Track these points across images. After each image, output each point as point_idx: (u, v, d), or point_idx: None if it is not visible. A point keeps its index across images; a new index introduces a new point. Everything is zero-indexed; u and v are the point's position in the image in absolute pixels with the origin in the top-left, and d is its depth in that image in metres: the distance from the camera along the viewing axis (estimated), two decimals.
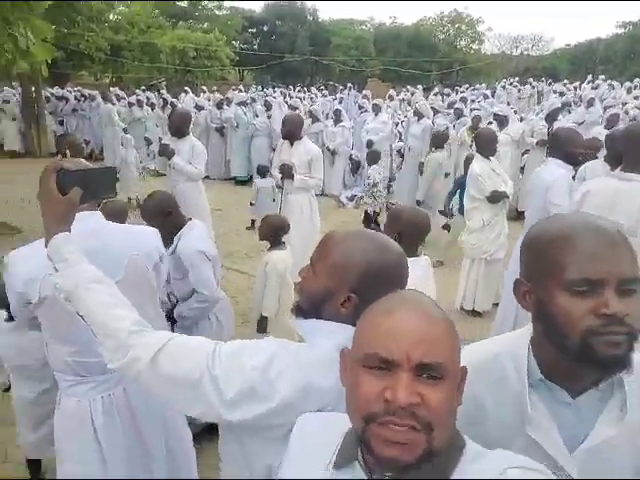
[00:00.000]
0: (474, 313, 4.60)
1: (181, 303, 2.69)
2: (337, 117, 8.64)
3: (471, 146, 6.16)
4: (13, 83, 13.99)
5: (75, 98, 12.91)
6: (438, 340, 0.75)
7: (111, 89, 14.04)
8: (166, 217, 2.53)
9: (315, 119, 8.61)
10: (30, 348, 2.03)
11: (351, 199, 8.15)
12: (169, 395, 1.09)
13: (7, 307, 1.84)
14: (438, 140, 6.30)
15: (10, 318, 1.98)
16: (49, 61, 5.79)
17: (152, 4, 16.61)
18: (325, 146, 8.37)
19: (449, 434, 0.76)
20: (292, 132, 4.40)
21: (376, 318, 0.79)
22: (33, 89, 11.67)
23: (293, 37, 35.99)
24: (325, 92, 15.79)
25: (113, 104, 10.75)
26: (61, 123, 12.55)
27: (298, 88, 17.27)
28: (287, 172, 4.35)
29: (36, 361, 2.05)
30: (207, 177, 9.04)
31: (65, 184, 1.25)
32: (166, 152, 4.35)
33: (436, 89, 17.58)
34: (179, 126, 4.51)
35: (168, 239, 2.47)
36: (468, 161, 4.93)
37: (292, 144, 4.46)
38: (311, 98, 13.46)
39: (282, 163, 4.40)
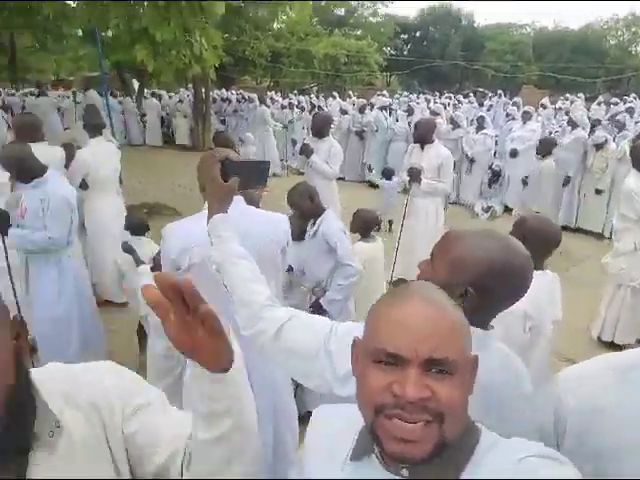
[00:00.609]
0: (613, 346, 4.15)
1: (317, 290, 2.96)
2: (480, 124, 8.33)
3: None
4: (188, 85, 15.97)
5: (237, 100, 14.25)
6: (447, 335, 0.73)
7: (268, 93, 15.25)
8: (310, 202, 2.92)
9: (456, 125, 8.41)
10: None
11: (486, 210, 7.80)
12: (289, 366, 1.21)
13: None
14: (545, 146, 5.86)
15: None
16: (217, 65, 6.55)
17: (311, 12, 17.62)
18: (464, 153, 8.14)
19: (461, 425, 0.75)
20: (423, 135, 4.42)
21: (385, 312, 0.78)
22: (203, 91, 13.16)
23: (445, 42, 35.29)
24: (472, 99, 15.24)
25: (268, 106, 11.69)
26: (223, 122, 13.96)
27: (445, 94, 16.95)
28: (415, 175, 4.37)
29: None
30: (342, 178, 9.47)
31: (228, 172, 1.43)
32: (306, 151, 4.66)
33: (600, 98, 15.87)
34: (320, 127, 4.80)
35: (306, 224, 2.98)
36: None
37: (423, 148, 4.48)
38: (454, 105, 13.09)
39: (410, 166, 4.44)
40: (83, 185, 4.27)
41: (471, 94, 17.53)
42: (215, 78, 7.58)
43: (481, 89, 20.06)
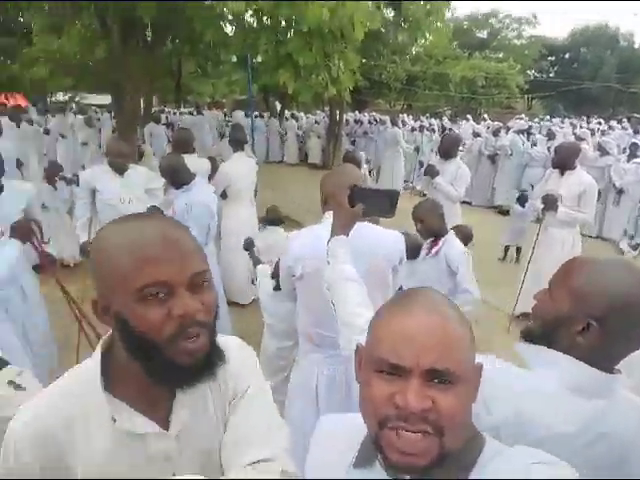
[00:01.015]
0: None
1: None
2: (633, 152, 7.51)
3: None
4: (325, 107, 16.79)
5: (368, 122, 14.64)
6: (450, 345, 0.72)
7: (400, 115, 15.39)
8: (437, 219, 2.91)
9: (604, 152, 7.67)
10: (282, 313, 2.51)
11: (634, 248, 6.95)
12: None
13: (278, 277, 2.31)
14: None
15: (277, 287, 2.46)
16: (352, 88, 6.82)
17: (450, 36, 17.48)
18: (612, 183, 7.38)
19: (464, 435, 0.75)
20: (564, 160, 4.12)
21: (387, 321, 0.78)
22: (338, 112, 13.73)
23: (598, 64, 32.37)
24: (625, 124, 13.76)
25: (399, 128, 11.81)
26: (353, 143, 14.40)
27: (595, 119, 15.55)
28: (550, 203, 4.09)
29: (281, 323, 2.52)
30: (468, 202, 9.17)
31: (355, 198, 1.48)
32: (431, 172, 4.63)
33: None
34: (448, 148, 4.74)
35: (422, 242, 2.98)
36: None
37: (562, 173, 4.17)
38: (602, 131, 11.93)
39: (546, 193, 4.16)
40: (223, 195, 4.73)
41: (625, 120, 15.82)
42: (350, 100, 7.88)
43: (637, 115, 17.98)
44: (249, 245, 3.58)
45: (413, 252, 3.20)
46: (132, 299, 0.78)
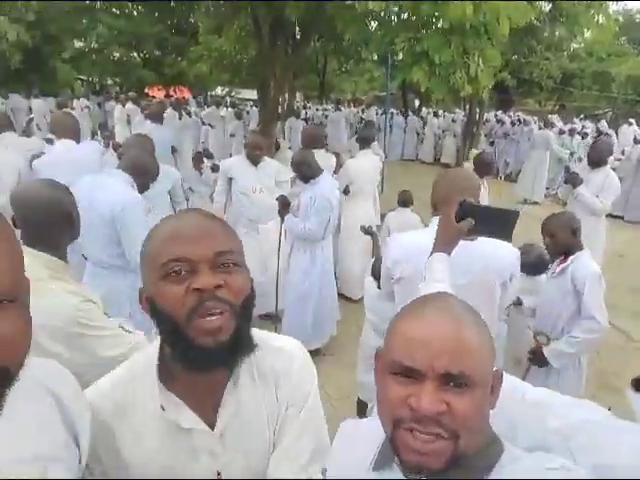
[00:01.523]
0: None
1: (541, 336, 2.64)
2: None
3: None
4: (466, 106, 16.14)
5: (511, 122, 13.73)
6: (466, 349, 0.72)
7: (549, 116, 14.17)
8: (571, 236, 2.61)
9: None
10: (384, 312, 2.50)
11: None
12: None
13: (378, 277, 2.32)
14: None
15: (379, 287, 2.48)
16: (497, 86, 6.45)
17: (617, 30, 15.51)
18: None
19: (480, 439, 0.74)
20: None
21: (403, 325, 0.77)
22: (478, 111, 13.09)
23: None
24: None
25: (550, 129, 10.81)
26: (491, 144, 13.63)
27: None
28: None
29: (382, 322, 2.51)
30: (620, 217, 8.13)
31: (462, 214, 1.38)
32: (573, 180, 4.22)
33: None
34: (598, 155, 4.29)
35: (559, 257, 2.65)
36: None
37: None
38: None
39: None
40: (346, 190, 4.83)
41: None
42: (490, 99, 7.49)
43: None
44: (368, 232, 3.67)
45: (536, 268, 2.96)
46: (158, 277, 0.82)
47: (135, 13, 14.86)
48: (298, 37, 7.88)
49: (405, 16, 5.58)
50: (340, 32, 6.52)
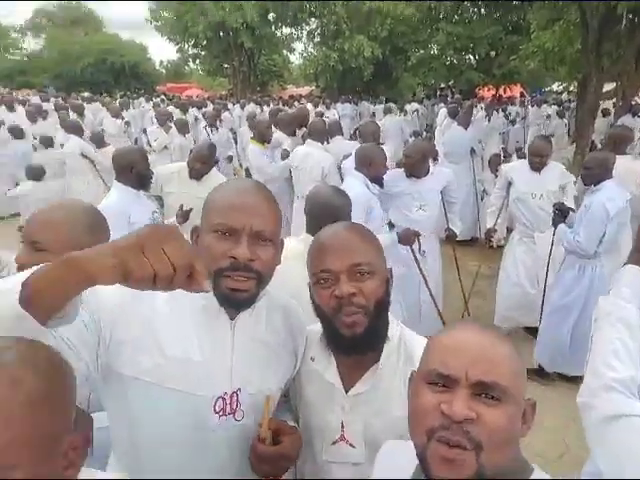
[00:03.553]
0: None
1: None
2: None
3: None
4: None
5: None
6: (498, 361, 0.74)
7: None
8: None
9: None
10: None
11: None
12: (612, 460, 1.10)
13: None
14: None
15: None
16: None
17: None
18: None
19: (505, 457, 0.74)
20: None
21: (439, 338, 0.82)
22: None
23: None
24: None
25: None
26: None
27: None
28: None
29: None
30: None
31: None
32: None
33: None
34: None
35: None
36: None
37: None
38: None
39: None
40: None
41: None
42: None
43: None
44: None
45: None
46: (313, 281, 1.14)
47: (474, 17, 15.35)
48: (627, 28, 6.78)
49: None
50: None
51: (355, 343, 1.08)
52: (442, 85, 19.33)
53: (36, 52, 37.70)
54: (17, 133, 7.45)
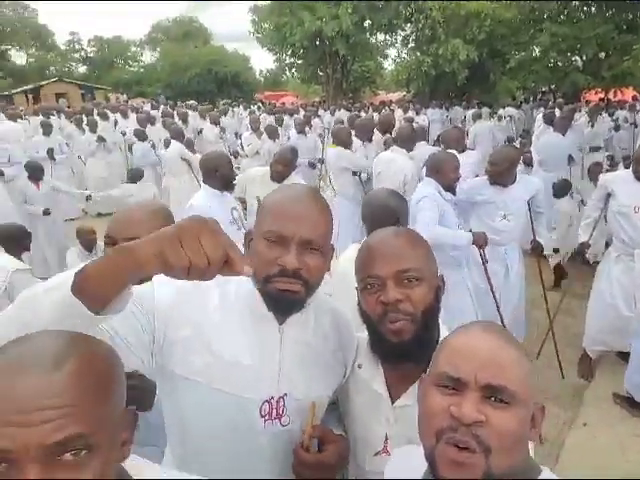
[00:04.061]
0: None
1: None
2: None
3: None
4: None
5: None
6: (508, 365, 0.74)
7: None
8: None
9: None
10: None
11: None
12: None
13: None
14: None
15: None
16: None
17: None
18: None
19: (514, 461, 0.74)
20: None
21: (449, 341, 0.81)
22: None
23: None
24: None
25: None
26: None
27: None
28: None
29: None
30: None
31: None
32: None
33: None
34: None
35: None
36: None
37: None
38: None
39: None
40: None
41: None
42: None
43: None
44: None
45: None
46: (360, 287, 1.12)
47: (582, 16, 14.30)
48: None
49: None
50: None
51: (401, 350, 1.06)
52: (543, 89, 18.22)
53: (151, 64, 41.28)
54: (140, 134, 8.23)
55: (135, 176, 6.86)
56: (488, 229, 3.52)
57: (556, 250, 5.11)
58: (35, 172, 5.43)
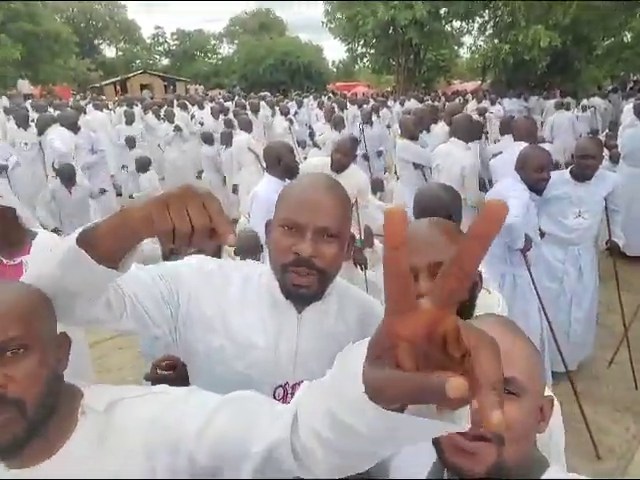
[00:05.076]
0: None
1: None
2: None
3: None
4: None
5: None
6: (518, 357, 0.75)
7: None
8: None
9: None
10: None
11: None
12: None
13: None
14: None
15: None
16: None
17: None
18: None
19: (523, 452, 0.75)
20: None
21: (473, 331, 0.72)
22: None
23: None
24: None
25: None
26: None
27: None
28: None
29: None
30: None
31: None
32: None
33: None
34: None
35: None
36: None
37: None
38: None
39: None
40: None
41: None
42: None
43: None
44: None
45: None
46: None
47: None
48: None
49: None
50: None
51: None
52: (635, 77, 16.77)
53: (229, 56, 42.58)
54: (207, 137, 8.24)
55: None
56: (560, 228, 3.33)
57: None
58: (68, 177, 5.01)
